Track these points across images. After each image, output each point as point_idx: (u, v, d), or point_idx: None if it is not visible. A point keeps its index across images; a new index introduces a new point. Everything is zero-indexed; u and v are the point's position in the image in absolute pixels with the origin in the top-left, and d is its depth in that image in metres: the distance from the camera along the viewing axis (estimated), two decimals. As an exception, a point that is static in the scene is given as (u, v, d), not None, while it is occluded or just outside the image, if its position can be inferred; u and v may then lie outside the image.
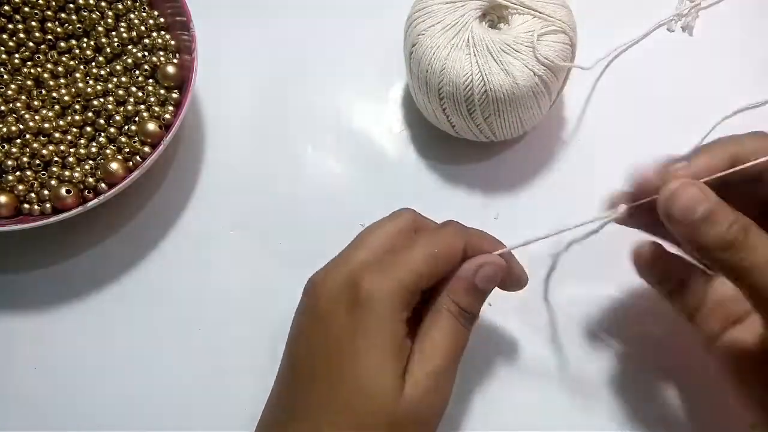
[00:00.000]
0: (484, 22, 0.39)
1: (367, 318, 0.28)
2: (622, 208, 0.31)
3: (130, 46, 0.43)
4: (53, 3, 0.43)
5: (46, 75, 0.42)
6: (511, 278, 0.33)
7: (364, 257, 0.30)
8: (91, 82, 0.42)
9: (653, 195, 0.29)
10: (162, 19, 0.44)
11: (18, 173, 0.40)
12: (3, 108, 0.41)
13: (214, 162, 0.45)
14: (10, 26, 0.43)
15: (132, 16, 0.43)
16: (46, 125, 0.41)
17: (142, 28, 0.43)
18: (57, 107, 0.41)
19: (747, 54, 0.46)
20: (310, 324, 0.30)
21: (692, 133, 0.44)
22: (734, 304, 0.30)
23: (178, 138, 0.45)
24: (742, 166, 0.29)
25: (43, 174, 0.40)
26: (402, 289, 0.29)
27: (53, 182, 0.40)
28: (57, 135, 0.41)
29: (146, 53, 0.43)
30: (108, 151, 0.40)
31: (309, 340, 0.30)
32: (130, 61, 0.42)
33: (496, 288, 0.32)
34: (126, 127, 0.41)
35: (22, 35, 0.43)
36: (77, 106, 0.41)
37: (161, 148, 0.39)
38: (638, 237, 0.34)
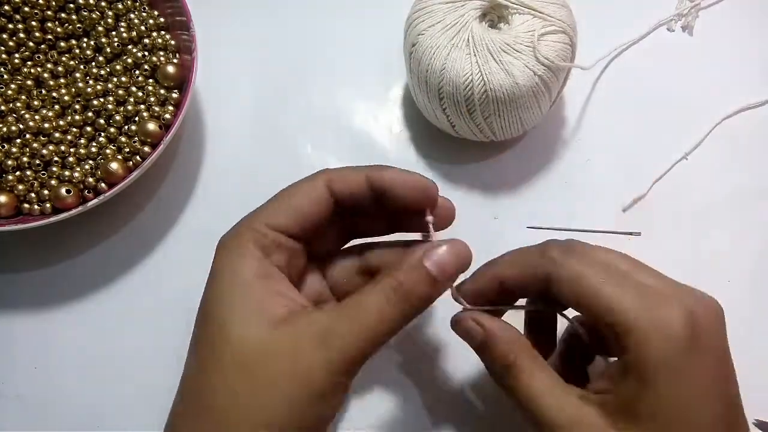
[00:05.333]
0: (484, 22, 0.39)
1: (216, 264, 0.29)
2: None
3: (130, 46, 0.43)
4: (53, 3, 0.43)
5: (46, 75, 0.42)
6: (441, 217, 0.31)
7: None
8: (91, 82, 0.42)
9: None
10: (162, 19, 0.44)
11: (18, 173, 0.40)
12: (3, 108, 0.41)
13: (214, 162, 0.45)
14: (10, 26, 0.43)
15: (132, 16, 0.43)
16: (46, 125, 0.41)
17: (142, 28, 0.43)
18: (57, 107, 0.41)
19: (747, 54, 0.47)
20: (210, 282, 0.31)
21: (692, 133, 0.44)
22: None
23: (178, 138, 0.45)
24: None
25: (43, 174, 0.40)
26: (249, 231, 0.29)
27: (53, 182, 0.40)
28: (57, 135, 0.41)
29: (146, 53, 0.43)
30: (108, 151, 0.40)
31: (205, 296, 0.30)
32: (130, 61, 0.42)
33: None
34: (126, 127, 0.41)
35: (22, 35, 0.43)
36: (77, 106, 0.41)
37: (161, 148, 0.39)
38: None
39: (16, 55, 0.43)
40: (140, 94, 0.42)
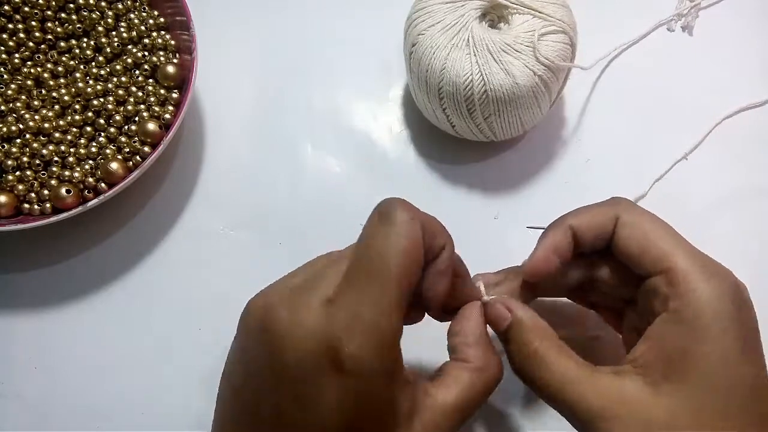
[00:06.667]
0: (484, 22, 0.39)
1: (356, 386, 0.24)
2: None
3: (130, 46, 0.43)
4: (53, 3, 0.43)
5: (46, 75, 0.42)
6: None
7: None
8: (91, 82, 0.42)
9: None
10: (162, 19, 0.44)
11: (18, 173, 0.40)
12: (3, 108, 0.41)
13: (214, 162, 0.45)
14: (10, 26, 0.43)
15: (132, 16, 0.43)
16: (46, 125, 0.41)
17: (142, 28, 0.43)
18: (57, 107, 0.41)
19: (747, 54, 0.46)
20: (271, 378, 0.25)
21: (692, 133, 0.44)
22: None
23: (178, 138, 0.45)
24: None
25: (43, 174, 0.40)
26: (387, 336, 0.24)
27: (53, 182, 0.40)
28: (57, 135, 0.41)
29: (146, 53, 0.43)
30: (108, 151, 0.40)
31: (271, 399, 0.25)
32: (130, 61, 0.42)
33: None
34: (126, 127, 0.41)
35: (22, 35, 0.43)
36: (77, 106, 0.41)
37: (161, 148, 0.39)
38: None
39: (16, 55, 0.43)
40: (140, 94, 0.42)
